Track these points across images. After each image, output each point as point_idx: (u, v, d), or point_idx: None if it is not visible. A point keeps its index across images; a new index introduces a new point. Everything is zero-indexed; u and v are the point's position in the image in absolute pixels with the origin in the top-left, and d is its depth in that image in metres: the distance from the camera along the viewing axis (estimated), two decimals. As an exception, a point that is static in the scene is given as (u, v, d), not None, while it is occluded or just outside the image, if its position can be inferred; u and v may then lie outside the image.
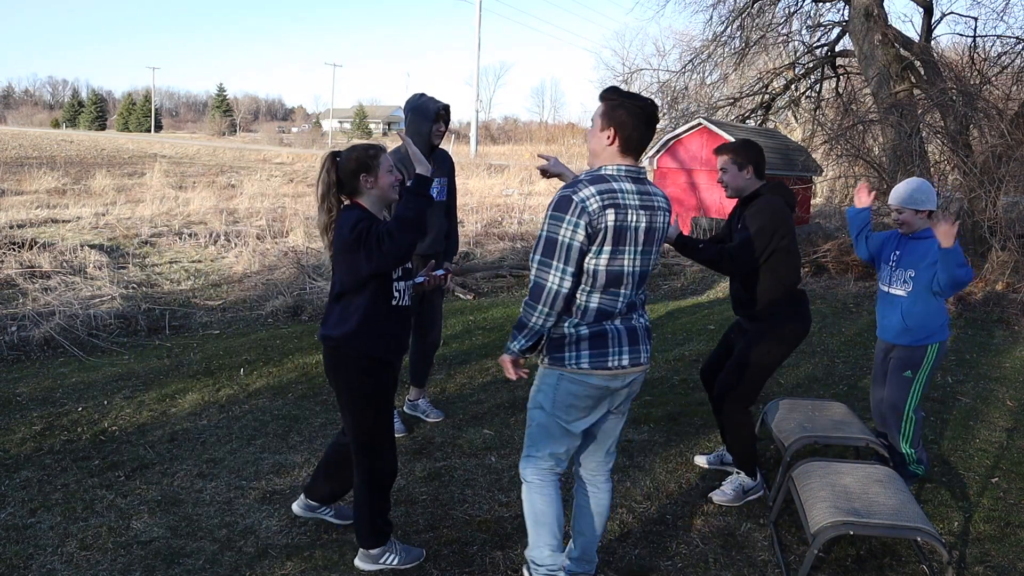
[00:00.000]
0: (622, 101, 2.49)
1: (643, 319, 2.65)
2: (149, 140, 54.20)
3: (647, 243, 2.53)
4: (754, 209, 3.48)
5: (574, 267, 2.42)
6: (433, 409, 4.66)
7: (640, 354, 2.60)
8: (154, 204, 14.29)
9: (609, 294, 2.50)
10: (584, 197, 2.39)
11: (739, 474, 3.70)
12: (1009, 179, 8.88)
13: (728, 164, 3.56)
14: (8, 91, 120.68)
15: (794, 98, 14.67)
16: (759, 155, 3.57)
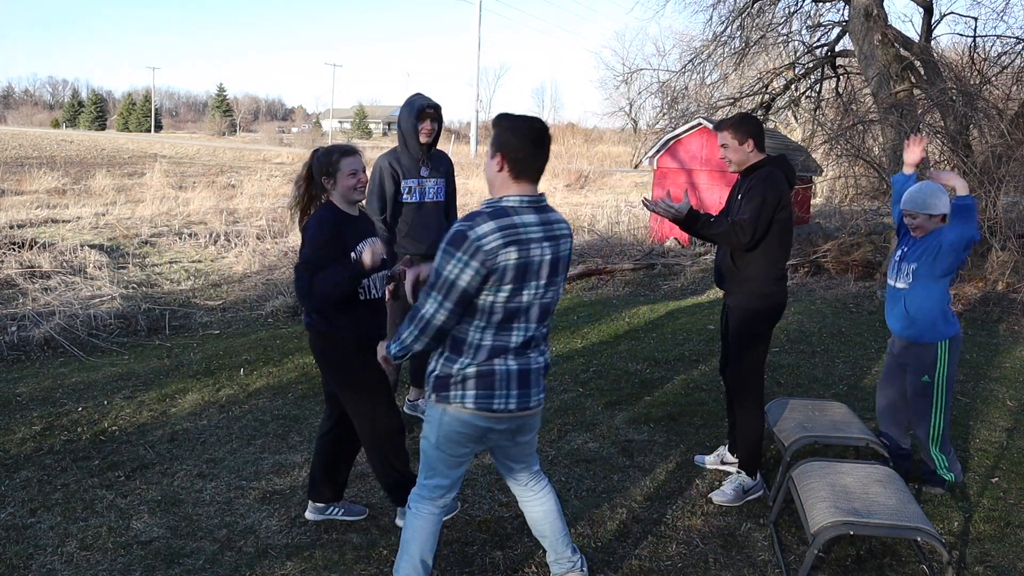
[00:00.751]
0: (508, 124, 2.37)
1: (541, 357, 2.52)
2: (149, 140, 54.21)
3: (552, 275, 2.41)
4: (756, 180, 3.51)
5: (453, 304, 2.31)
6: None
7: (530, 398, 2.48)
8: (154, 204, 14.29)
9: (504, 330, 2.38)
10: (480, 235, 2.26)
11: (740, 474, 3.70)
12: (1009, 179, 8.88)
13: (728, 139, 3.60)
14: (8, 91, 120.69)
15: (794, 98, 14.67)
16: (758, 128, 3.61)
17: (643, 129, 30.58)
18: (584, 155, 35.52)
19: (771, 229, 3.48)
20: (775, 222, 3.48)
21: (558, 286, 2.48)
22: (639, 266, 10.28)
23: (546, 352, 2.56)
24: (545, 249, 2.36)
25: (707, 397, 5.18)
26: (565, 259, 2.46)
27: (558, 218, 2.46)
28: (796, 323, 7.45)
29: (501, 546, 3.20)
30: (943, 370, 3.72)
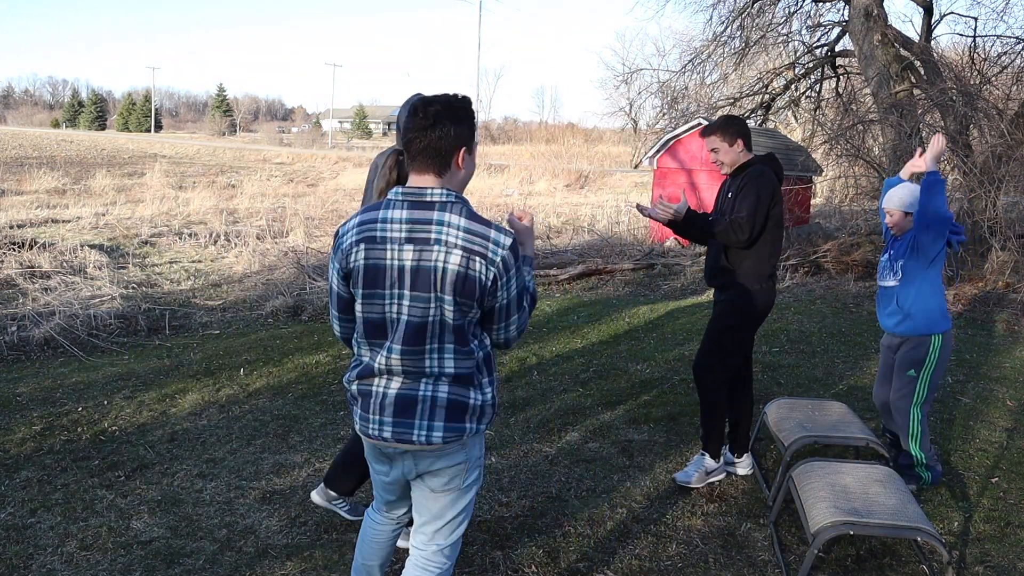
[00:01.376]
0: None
1: (434, 389, 2.04)
2: (149, 140, 54.21)
3: (419, 287, 1.97)
4: (748, 178, 3.56)
5: (336, 310, 2.15)
6: None
7: (412, 431, 2.05)
8: (154, 204, 14.30)
9: (372, 347, 2.07)
10: (343, 232, 2.08)
11: (704, 456, 3.79)
12: (1009, 179, 8.88)
13: (718, 143, 3.66)
14: (8, 91, 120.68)
15: (794, 98, 14.68)
16: (744, 127, 3.67)
17: (643, 129, 30.56)
18: (584, 155, 35.52)
19: (765, 226, 3.51)
20: (768, 218, 3.51)
21: (441, 304, 1.98)
22: (639, 266, 10.28)
23: (445, 386, 2.05)
24: (403, 252, 1.97)
25: (707, 397, 5.17)
26: (440, 271, 1.95)
27: (441, 220, 1.97)
28: (796, 323, 7.44)
29: (501, 546, 3.20)
30: (931, 365, 3.74)
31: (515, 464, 4.01)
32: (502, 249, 1.97)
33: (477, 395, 2.09)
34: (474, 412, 2.09)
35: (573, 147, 36.93)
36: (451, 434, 2.06)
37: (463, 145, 2.02)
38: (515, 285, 2.03)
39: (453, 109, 2.00)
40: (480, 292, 1.98)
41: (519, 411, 4.79)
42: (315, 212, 14.65)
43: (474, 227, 1.97)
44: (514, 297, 2.05)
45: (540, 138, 46.21)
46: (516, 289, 2.04)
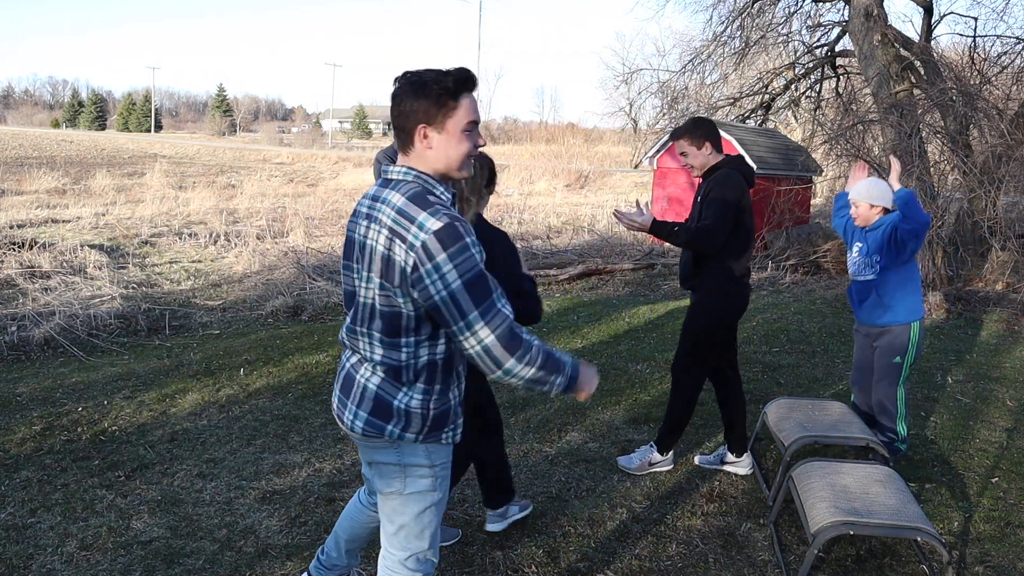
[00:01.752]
0: None
1: (369, 374, 1.98)
2: (149, 140, 54.21)
3: (363, 263, 1.94)
4: (714, 183, 3.58)
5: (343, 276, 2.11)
6: None
7: (344, 411, 2.03)
8: (154, 204, 14.30)
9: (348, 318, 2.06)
10: None
11: (652, 447, 3.85)
12: (1009, 179, 8.88)
13: (687, 147, 3.68)
14: (8, 91, 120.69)
15: (794, 98, 14.68)
16: (711, 129, 3.69)
17: (643, 129, 30.58)
18: (584, 155, 35.51)
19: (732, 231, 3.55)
20: (737, 223, 3.55)
21: (372, 285, 1.92)
22: (639, 266, 10.27)
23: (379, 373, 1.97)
24: (361, 226, 1.95)
25: (707, 397, 5.18)
26: (370, 250, 1.90)
27: (389, 199, 1.90)
28: (796, 323, 7.44)
29: (501, 546, 3.20)
30: (913, 349, 3.92)
31: (515, 464, 4.01)
32: (424, 233, 1.78)
33: (403, 398, 1.96)
34: (399, 415, 1.96)
35: (573, 147, 36.93)
36: (371, 429, 1.98)
37: (421, 123, 1.88)
38: (454, 279, 1.79)
39: (413, 84, 1.88)
40: (401, 279, 1.84)
41: (519, 411, 4.79)
42: (315, 212, 14.65)
43: (407, 208, 1.84)
44: (458, 292, 1.79)
45: (540, 138, 46.21)
46: (459, 284, 1.79)
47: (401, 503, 2.05)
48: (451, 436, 2.06)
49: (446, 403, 2.02)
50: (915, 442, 4.51)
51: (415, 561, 2.11)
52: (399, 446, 2.01)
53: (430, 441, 2.02)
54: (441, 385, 1.99)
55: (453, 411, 2.05)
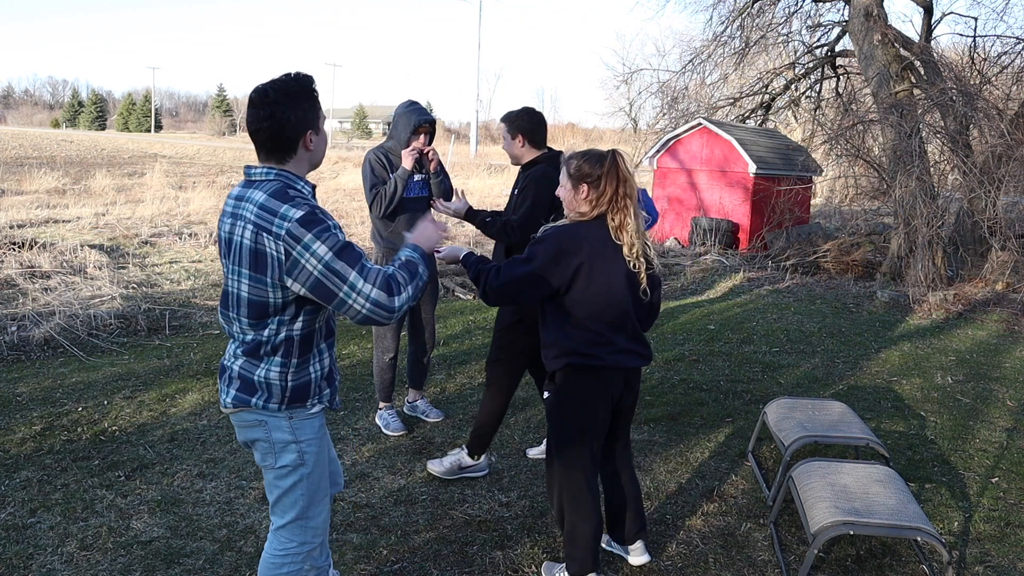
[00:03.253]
0: None
1: (234, 359, 2.19)
2: (149, 140, 54.20)
3: (230, 258, 2.12)
4: (529, 179, 3.64)
5: None
6: (433, 409, 4.66)
7: (221, 394, 2.22)
8: (154, 204, 14.29)
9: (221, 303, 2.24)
10: None
11: (462, 451, 3.83)
12: (1009, 179, 8.88)
13: (504, 133, 3.76)
14: (8, 91, 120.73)
15: (794, 98, 14.68)
16: (532, 125, 3.69)
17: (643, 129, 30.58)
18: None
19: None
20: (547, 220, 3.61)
21: (241, 280, 2.09)
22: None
23: (240, 359, 2.17)
24: (226, 225, 2.12)
25: (707, 397, 5.18)
26: (237, 245, 2.07)
27: (252, 196, 2.07)
28: (796, 323, 7.45)
29: (501, 546, 3.20)
30: None
31: (515, 464, 4.01)
32: (287, 222, 1.97)
33: (262, 372, 2.14)
34: (260, 387, 2.15)
35: (573, 147, 36.86)
36: (239, 402, 2.17)
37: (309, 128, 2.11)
38: (324, 252, 1.97)
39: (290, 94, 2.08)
40: (276, 269, 2.01)
41: (519, 411, 4.79)
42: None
43: (268, 203, 2.02)
44: (332, 261, 1.97)
45: (540, 138, 46.06)
46: (331, 256, 1.97)
47: (275, 476, 2.26)
48: (318, 402, 2.23)
49: (305, 376, 2.19)
50: (915, 442, 4.51)
51: (289, 530, 2.30)
52: (267, 423, 2.19)
53: (295, 411, 2.19)
54: (298, 359, 2.16)
55: (315, 383, 2.22)
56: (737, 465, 4.10)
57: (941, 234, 9.20)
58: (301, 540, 2.31)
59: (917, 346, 6.76)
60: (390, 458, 4.04)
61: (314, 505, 2.30)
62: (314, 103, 2.10)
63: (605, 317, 2.69)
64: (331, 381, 2.30)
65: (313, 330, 2.17)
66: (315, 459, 2.26)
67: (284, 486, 2.26)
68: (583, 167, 2.70)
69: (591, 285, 2.65)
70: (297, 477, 2.25)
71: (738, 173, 12.01)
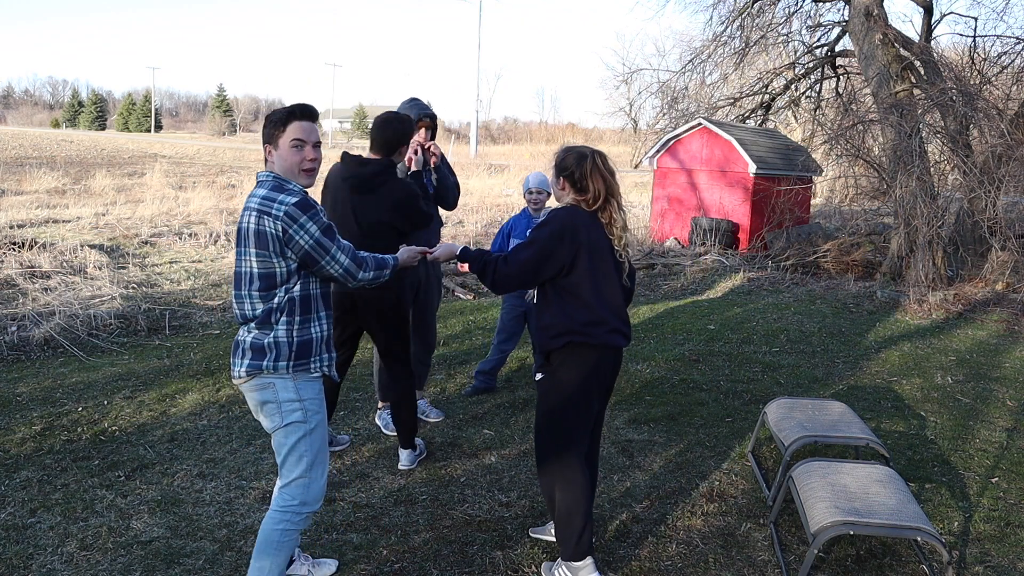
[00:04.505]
0: None
1: (246, 333, 2.56)
2: (149, 140, 54.20)
3: (239, 242, 2.57)
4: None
5: None
6: (433, 409, 4.66)
7: (233, 368, 2.58)
8: (154, 204, 14.29)
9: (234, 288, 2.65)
10: None
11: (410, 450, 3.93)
12: (1009, 179, 8.88)
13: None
14: (8, 91, 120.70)
15: (794, 98, 14.68)
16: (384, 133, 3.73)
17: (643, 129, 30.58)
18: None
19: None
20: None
21: (250, 258, 2.52)
22: (639, 266, 10.28)
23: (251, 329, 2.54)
24: (242, 219, 2.56)
25: (707, 397, 5.18)
26: (244, 230, 2.53)
27: (255, 193, 2.55)
28: (796, 323, 7.45)
29: (501, 546, 3.20)
30: None
31: (515, 464, 4.01)
32: (284, 206, 2.46)
33: (272, 334, 2.52)
34: (270, 349, 2.51)
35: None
36: (253, 368, 2.52)
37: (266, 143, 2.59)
38: (315, 230, 2.48)
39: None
40: (275, 243, 2.47)
41: (519, 411, 4.79)
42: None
43: (269, 195, 2.50)
44: (319, 237, 2.49)
45: (540, 138, 46.22)
46: (319, 233, 2.49)
47: (283, 435, 2.56)
48: (319, 366, 2.60)
49: (308, 334, 2.57)
50: (915, 442, 4.51)
51: (293, 488, 2.57)
52: (275, 385, 2.52)
53: (299, 371, 2.54)
54: (300, 317, 2.55)
55: (316, 344, 2.59)
56: (737, 465, 4.10)
57: (941, 234, 9.20)
58: (302, 499, 2.58)
59: (917, 346, 6.76)
60: (390, 458, 4.04)
61: (317, 466, 2.60)
62: (273, 125, 2.55)
63: (603, 297, 2.85)
64: (329, 349, 2.66)
65: (310, 294, 2.57)
66: (318, 419, 2.59)
67: (290, 443, 2.55)
68: (566, 159, 2.89)
69: (591, 265, 2.82)
70: (302, 433, 2.55)
71: (738, 173, 12.01)
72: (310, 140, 2.57)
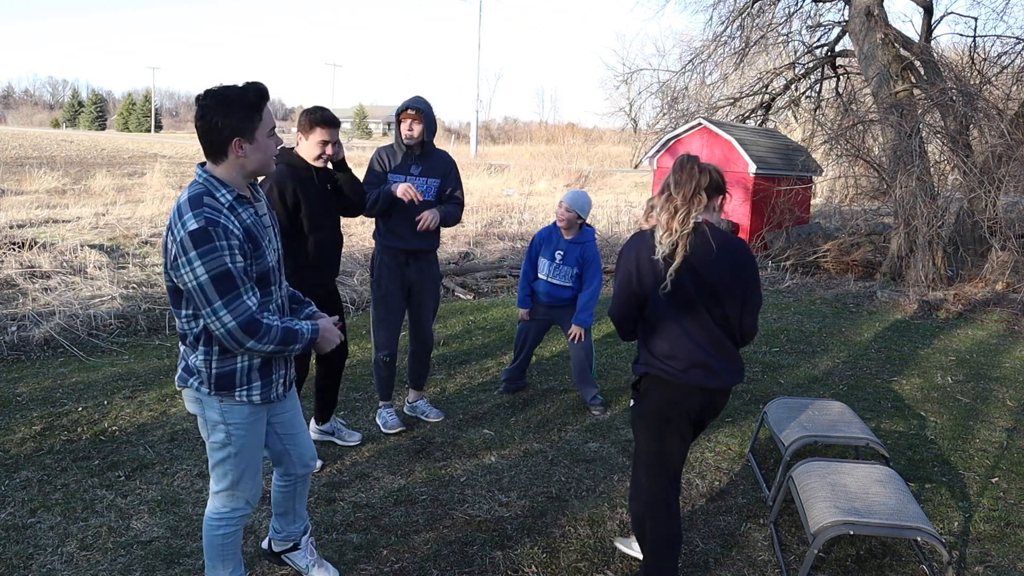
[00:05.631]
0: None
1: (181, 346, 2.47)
2: (149, 140, 54.19)
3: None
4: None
5: None
6: (433, 409, 4.66)
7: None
8: (154, 204, 14.28)
9: None
10: None
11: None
12: (1009, 179, 8.88)
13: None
14: (8, 91, 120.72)
15: (794, 98, 14.68)
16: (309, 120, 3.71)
17: (643, 129, 30.60)
18: (584, 155, 35.47)
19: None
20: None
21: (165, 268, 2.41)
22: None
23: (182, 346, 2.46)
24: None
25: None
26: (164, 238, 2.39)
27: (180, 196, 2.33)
28: (796, 323, 7.45)
29: (501, 546, 3.20)
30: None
31: (515, 464, 4.01)
32: (183, 231, 2.15)
33: (192, 358, 2.36)
34: (193, 371, 2.37)
35: (573, 147, 36.86)
36: (181, 381, 2.42)
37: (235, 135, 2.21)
38: (201, 273, 2.13)
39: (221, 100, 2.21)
40: (168, 263, 2.23)
41: (519, 411, 4.79)
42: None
43: (182, 207, 2.19)
44: (205, 284, 2.14)
45: (540, 138, 46.18)
46: (206, 278, 2.14)
47: (208, 449, 2.48)
48: (244, 396, 2.40)
49: (231, 365, 2.36)
50: (915, 442, 4.51)
51: (222, 498, 2.54)
52: (202, 402, 2.41)
53: (224, 398, 2.39)
54: (219, 347, 2.33)
55: (242, 374, 2.38)
56: (737, 465, 4.10)
57: (941, 234, 9.21)
58: (232, 507, 2.56)
59: (917, 346, 6.76)
60: (390, 458, 4.04)
61: (243, 481, 2.52)
62: (249, 112, 2.20)
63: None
64: (265, 374, 2.42)
65: None
66: (243, 442, 2.46)
67: (215, 459, 2.48)
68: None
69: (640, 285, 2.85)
70: (224, 454, 2.47)
71: (738, 173, 12.01)
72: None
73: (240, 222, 2.23)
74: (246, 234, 2.24)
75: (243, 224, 2.24)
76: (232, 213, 2.22)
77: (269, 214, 2.45)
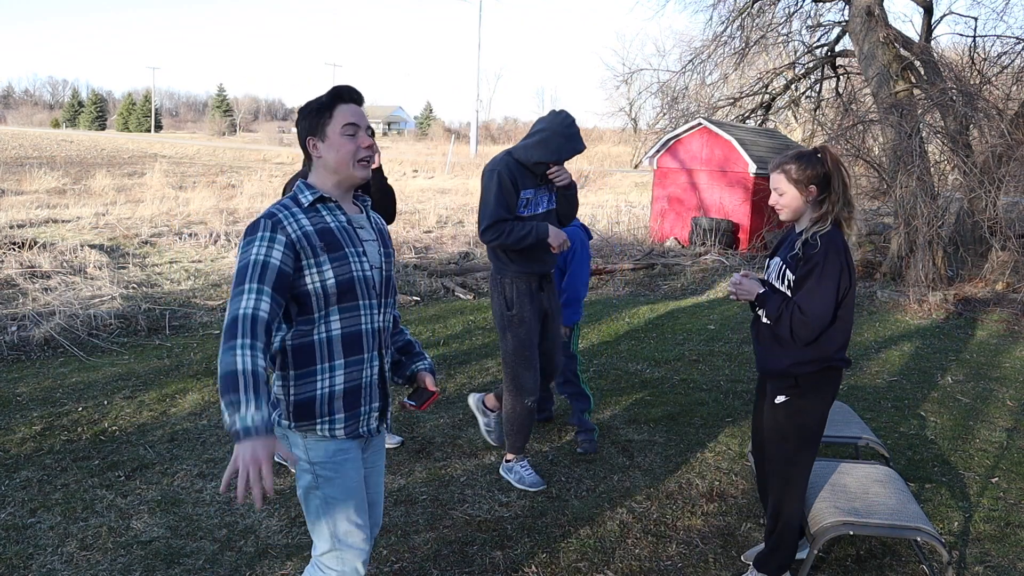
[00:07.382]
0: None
1: None
2: (149, 140, 54.20)
3: None
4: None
5: None
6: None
7: None
8: (154, 204, 14.29)
9: None
10: None
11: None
12: (1009, 179, 8.88)
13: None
14: (8, 91, 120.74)
15: (794, 98, 14.68)
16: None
17: (643, 129, 30.60)
18: (584, 155, 35.47)
19: None
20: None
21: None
22: (639, 266, 10.27)
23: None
24: None
25: (707, 397, 5.18)
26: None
27: None
28: (796, 323, 7.44)
29: (501, 546, 3.20)
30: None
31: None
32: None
33: (274, 384, 2.08)
34: (277, 400, 2.08)
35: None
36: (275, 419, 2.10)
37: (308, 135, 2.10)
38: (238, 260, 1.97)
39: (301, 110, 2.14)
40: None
41: (519, 411, 4.79)
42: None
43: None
44: (236, 271, 1.96)
45: (540, 138, 45.91)
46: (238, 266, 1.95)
47: (300, 494, 2.11)
48: (327, 429, 2.05)
49: (309, 391, 2.03)
50: (915, 442, 4.51)
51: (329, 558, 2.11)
52: (288, 438, 2.09)
53: (305, 431, 2.05)
54: (295, 371, 2.03)
55: (322, 402, 2.04)
56: (737, 465, 4.10)
57: (941, 234, 9.20)
58: (340, 570, 2.10)
59: (917, 346, 6.76)
60: (390, 458, 4.04)
61: (348, 534, 2.09)
62: (320, 111, 2.07)
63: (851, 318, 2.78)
64: (351, 404, 2.08)
65: (310, 341, 2.01)
66: (335, 484, 2.07)
67: (309, 508, 2.10)
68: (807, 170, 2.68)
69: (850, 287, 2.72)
70: (316, 501, 2.08)
71: (738, 173, 12.01)
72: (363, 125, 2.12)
73: (313, 222, 2.02)
74: (319, 234, 2.01)
75: (316, 224, 2.02)
76: (305, 213, 2.03)
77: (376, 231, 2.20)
